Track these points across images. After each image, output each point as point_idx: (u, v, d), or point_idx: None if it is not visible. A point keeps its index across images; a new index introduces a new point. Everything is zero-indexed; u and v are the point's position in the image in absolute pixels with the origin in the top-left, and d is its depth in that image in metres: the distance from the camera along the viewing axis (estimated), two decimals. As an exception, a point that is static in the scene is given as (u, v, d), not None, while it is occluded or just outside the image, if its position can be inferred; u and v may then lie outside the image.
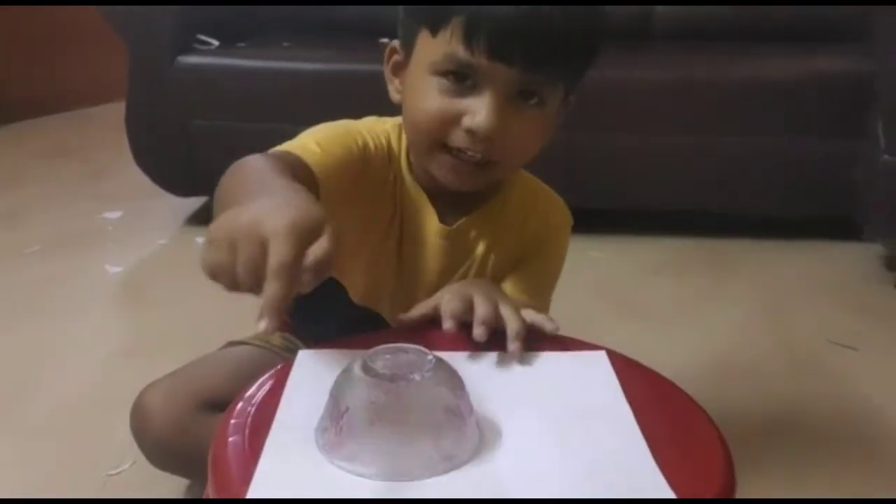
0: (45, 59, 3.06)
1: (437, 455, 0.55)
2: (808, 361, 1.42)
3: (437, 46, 0.75)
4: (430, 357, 0.58)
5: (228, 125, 1.84)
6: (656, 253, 1.88)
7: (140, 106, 1.94)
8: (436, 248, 0.89)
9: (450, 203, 0.88)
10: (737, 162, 1.87)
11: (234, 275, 0.51)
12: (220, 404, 0.87)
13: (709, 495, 0.53)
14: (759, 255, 1.88)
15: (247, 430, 0.60)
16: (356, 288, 0.92)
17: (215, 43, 1.93)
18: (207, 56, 1.90)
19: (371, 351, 0.59)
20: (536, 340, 0.71)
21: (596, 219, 1.90)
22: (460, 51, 0.72)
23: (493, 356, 0.70)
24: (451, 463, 0.55)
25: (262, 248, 0.50)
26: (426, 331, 0.72)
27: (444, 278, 0.89)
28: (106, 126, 2.93)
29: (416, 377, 0.56)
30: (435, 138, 0.77)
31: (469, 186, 0.82)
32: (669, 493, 0.52)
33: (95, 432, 1.17)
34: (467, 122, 0.74)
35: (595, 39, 0.78)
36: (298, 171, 0.71)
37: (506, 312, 0.71)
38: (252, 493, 0.52)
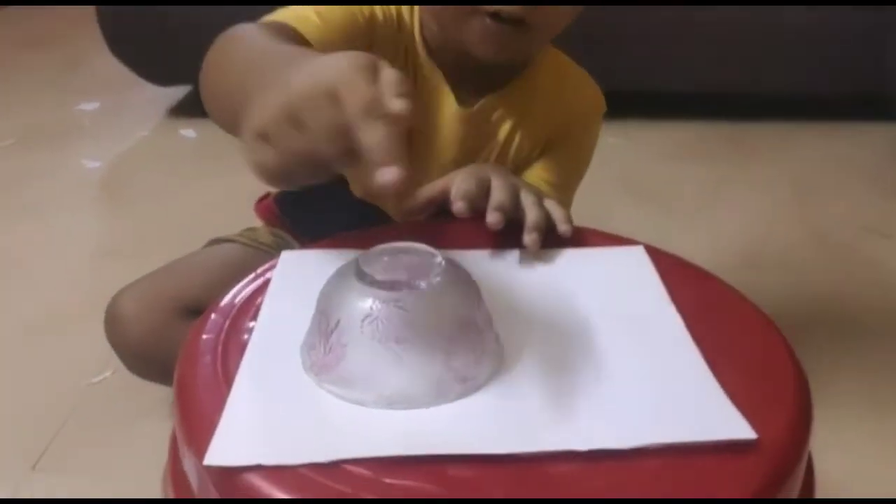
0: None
1: (448, 377, 0.45)
2: (840, 250, 1.33)
3: None
4: (439, 258, 0.47)
5: (213, 9, 1.68)
6: (678, 138, 1.75)
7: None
8: (452, 133, 0.78)
9: (469, 83, 0.77)
10: (762, 37, 1.73)
11: (313, 152, 0.42)
12: (201, 309, 0.78)
13: (780, 431, 0.43)
14: (785, 139, 1.76)
15: (219, 348, 0.50)
16: (358, 179, 0.81)
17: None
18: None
19: (368, 252, 0.48)
20: (560, 237, 0.60)
21: (613, 102, 1.77)
22: None
23: (514, 255, 0.59)
24: (466, 386, 0.45)
25: (335, 102, 0.40)
26: (434, 226, 0.61)
27: (459, 166, 0.78)
28: (78, 13, 2.73)
29: (423, 284, 0.45)
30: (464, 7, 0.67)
31: (504, 54, 0.71)
32: (749, 432, 0.41)
33: (74, 338, 1.10)
34: None
35: None
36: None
37: (526, 200, 0.60)
38: (224, 425, 0.42)
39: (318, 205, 0.86)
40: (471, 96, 0.78)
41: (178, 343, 0.77)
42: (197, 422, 0.43)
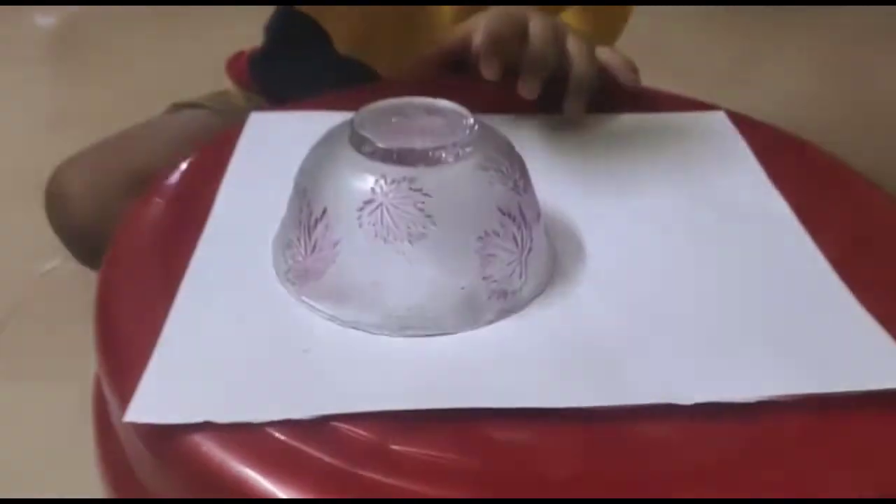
0: None
1: (482, 289, 0.31)
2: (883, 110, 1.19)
3: None
4: (470, 120, 0.33)
5: None
6: (701, 13, 1.57)
7: None
8: None
9: None
10: None
11: None
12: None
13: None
14: (821, 16, 1.58)
15: (160, 245, 0.36)
16: (342, 31, 0.67)
17: None
18: None
19: (366, 109, 0.33)
20: (618, 98, 0.46)
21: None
22: None
23: (565, 122, 0.45)
24: (507, 303, 0.32)
25: None
26: (453, 82, 0.47)
27: (469, 15, 0.62)
28: None
29: (446, 154, 0.31)
30: None
31: None
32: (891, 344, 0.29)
33: (18, 220, 0.96)
34: None
35: None
36: None
37: (573, 47, 0.45)
38: (158, 362, 0.29)
39: (298, 64, 0.72)
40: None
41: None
42: (124, 355, 0.30)
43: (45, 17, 1.50)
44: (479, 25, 0.47)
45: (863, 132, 1.18)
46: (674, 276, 0.34)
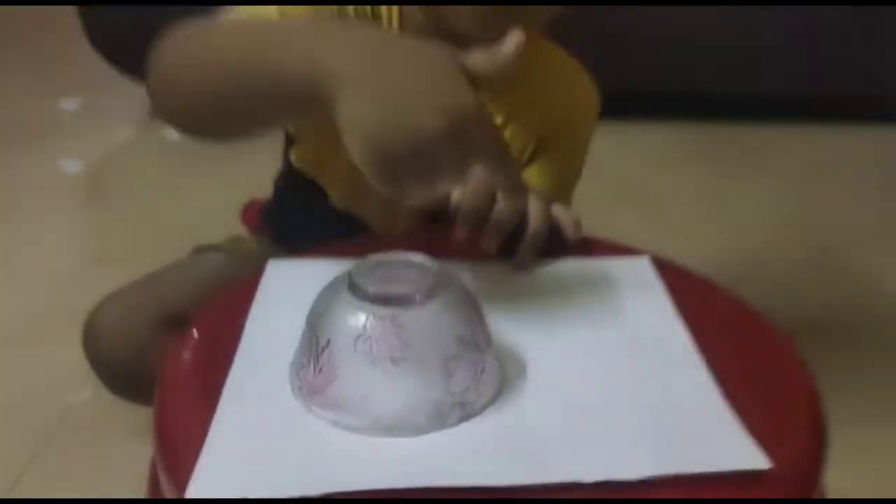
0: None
1: (447, 401, 0.42)
2: (839, 253, 1.31)
3: None
4: (436, 270, 0.44)
5: None
6: (670, 141, 1.73)
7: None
8: None
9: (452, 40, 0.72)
10: (758, 36, 1.71)
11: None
12: (184, 320, 0.76)
13: (795, 459, 0.40)
14: (784, 140, 1.75)
15: (201, 368, 0.47)
16: (338, 187, 0.77)
17: None
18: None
19: (360, 263, 0.45)
20: (559, 246, 0.57)
21: (612, 103, 1.73)
22: None
23: (509, 269, 0.56)
24: (466, 410, 0.42)
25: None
26: (429, 234, 0.58)
27: None
28: (56, 7, 2.70)
29: (419, 299, 0.42)
30: None
31: (501, 28, 0.66)
32: (762, 462, 0.39)
33: (51, 352, 1.05)
34: None
35: None
36: None
37: (533, 208, 0.56)
38: (206, 454, 0.39)
39: (301, 216, 0.83)
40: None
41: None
42: (178, 450, 0.41)
43: (73, 163, 1.64)
44: (460, 191, 0.58)
45: (814, 258, 1.31)
46: (591, 391, 0.45)
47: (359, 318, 0.42)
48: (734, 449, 0.40)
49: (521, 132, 0.76)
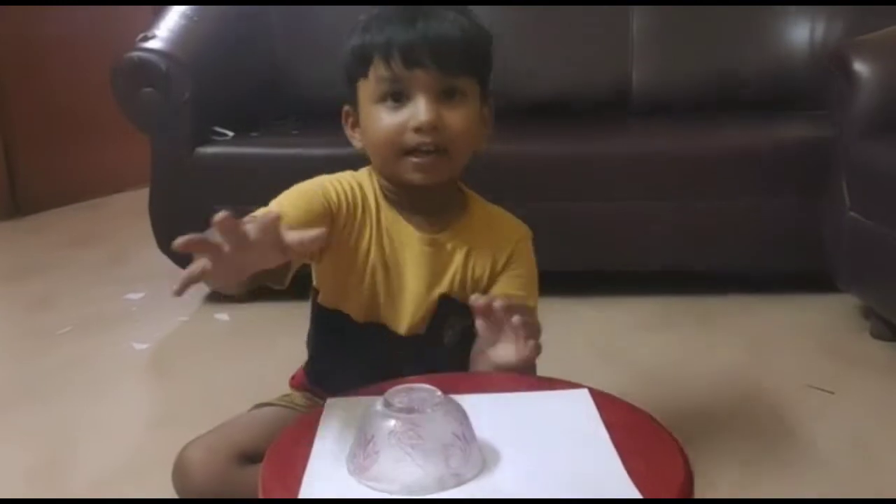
0: (64, 152, 3.25)
1: (448, 473, 0.67)
2: (789, 404, 1.53)
3: (370, 83, 0.97)
4: (438, 393, 0.71)
5: (245, 209, 1.98)
6: (645, 310, 2.01)
7: (162, 194, 2.10)
8: (421, 257, 1.04)
9: (424, 218, 1.03)
10: (715, 223, 2.02)
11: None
12: (254, 457, 0.99)
13: (669, 493, 0.65)
14: (742, 309, 2.01)
15: (289, 461, 0.72)
16: (355, 308, 1.06)
17: (230, 134, 2.10)
18: (223, 146, 2.07)
19: (390, 391, 0.71)
20: (529, 382, 0.84)
21: (588, 280, 2.06)
22: (385, 72, 0.95)
23: (491, 396, 0.83)
24: (459, 479, 0.67)
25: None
26: (435, 378, 0.85)
27: (432, 287, 1.04)
28: (123, 213, 3.12)
29: (428, 409, 0.69)
30: (394, 148, 0.97)
31: (437, 176, 0.98)
32: (635, 493, 0.64)
33: (134, 494, 1.27)
34: (412, 123, 0.94)
35: (484, 42, 1.01)
36: None
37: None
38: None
39: (334, 338, 1.09)
40: (427, 230, 1.03)
41: (235, 484, 0.99)
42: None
43: (141, 344, 1.92)
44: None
45: (765, 409, 1.54)
46: (538, 470, 0.70)
47: (391, 422, 0.68)
48: (619, 489, 0.65)
49: (480, 261, 1.05)
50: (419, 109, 0.94)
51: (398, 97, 0.96)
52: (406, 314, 1.05)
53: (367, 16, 1.00)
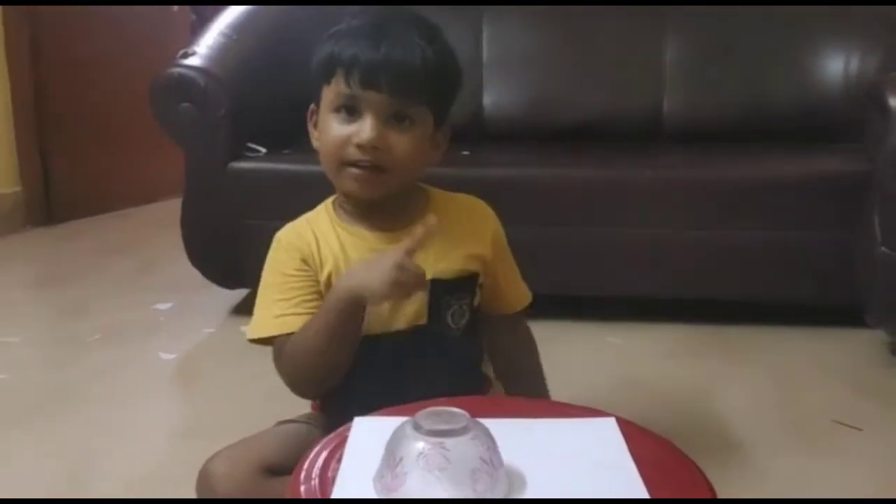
0: (99, 161, 3.30)
1: (474, 496, 0.67)
2: (814, 439, 1.52)
3: (331, 91, 1.03)
4: (466, 416, 0.71)
5: (275, 224, 1.99)
6: (671, 339, 1.99)
7: (194, 207, 2.13)
8: None
9: (384, 225, 1.08)
10: (744, 253, 2.01)
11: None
12: (276, 470, 1.02)
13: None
14: (769, 341, 1.99)
15: (317, 480, 0.73)
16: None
17: (263, 150, 2.13)
18: (256, 162, 2.10)
19: (420, 413, 0.72)
20: (556, 409, 0.84)
21: (613, 307, 2.05)
22: (343, 87, 1.01)
23: (518, 421, 0.83)
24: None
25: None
26: (464, 400, 0.86)
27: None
28: (151, 224, 3.16)
29: (457, 432, 0.69)
30: (338, 158, 1.03)
31: (371, 191, 1.04)
32: None
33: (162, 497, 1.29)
34: (355, 138, 1.01)
35: (445, 74, 1.06)
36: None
37: None
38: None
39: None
40: (388, 230, 1.07)
41: (258, 496, 1.00)
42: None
43: (168, 354, 1.94)
44: None
45: (790, 444, 1.52)
46: (561, 496, 0.70)
47: (420, 444, 0.69)
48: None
49: (454, 253, 1.08)
50: (364, 127, 1.00)
51: (351, 111, 1.02)
52: (392, 309, 1.07)
53: (343, 25, 1.06)
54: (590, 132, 2.35)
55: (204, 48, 2.12)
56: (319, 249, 1.07)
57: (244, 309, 2.17)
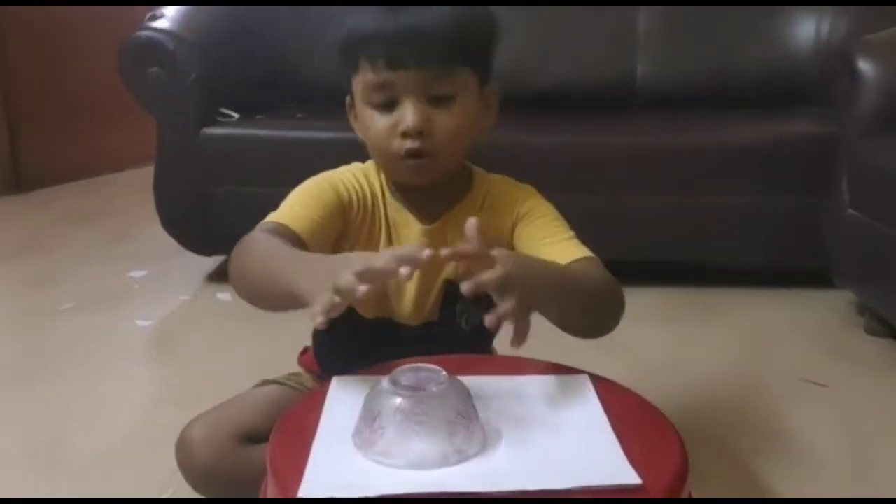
0: (67, 129, 3.25)
1: (451, 449, 0.69)
2: (781, 396, 1.56)
3: (360, 82, 0.97)
4: (443, 373, 0.73)
5: (249, 190, 2.00)
6: (643, 303, 2.01)
7: (167, 174, 2.11)
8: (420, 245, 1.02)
9: (427, 212, 1.03)
10: (714, 218, 2.04)
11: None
12: (256, 437, 1.00)
13: (666, 478, 0.67)
14: (739, 303, 2.03)
15: (296, 436, 0.74)
16: (366, 304, 1.03)
17: (236, 115, 2.11)
18: (229, 127, 2.08)
19: (396, 370, 0.73)
20: (532, 366, 0.86)
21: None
22: (371, 76, 0.94)
23: (494, 378, 0.85)
24: (462, 456, 0.69)
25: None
26: (440, 359, 0.87)
27: (431, 275, 1.02)
28: (126, 191, 3.13)
29: (433, 388, 0.70)
30: (387, 152, 0.97)
31: (427, 179, 0.99)
32: (636, 478, 0.66)
33: (136, 471, 1.29)
34: (400, 127, 0.94)
35: (477, 27, 0.97)
36: (293, 241, 0.92)
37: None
38: (305, 485, 0.66)
39: (346, 337, 1.04)
40: (429, 218, 1.02)
41: (236, 463, 1.00)
42: (283, 485, 0.68)
43: (143, 321, 1.94)
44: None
45: (760, 402, 1.56)
46: (534, 448, 0.72)
47: (397, 399, 0.70)
48: (619, 471, 0.67)
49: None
50: (406, 114, 0.93)
51: (388, 105, 0.95)
52: (409, 302, 1.05)
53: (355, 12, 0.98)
54: (563, 99, 2.35)
55: (172, 10, 2.09)
56: (368, 202, 1.03)
57: (219, 276, 2.17)
